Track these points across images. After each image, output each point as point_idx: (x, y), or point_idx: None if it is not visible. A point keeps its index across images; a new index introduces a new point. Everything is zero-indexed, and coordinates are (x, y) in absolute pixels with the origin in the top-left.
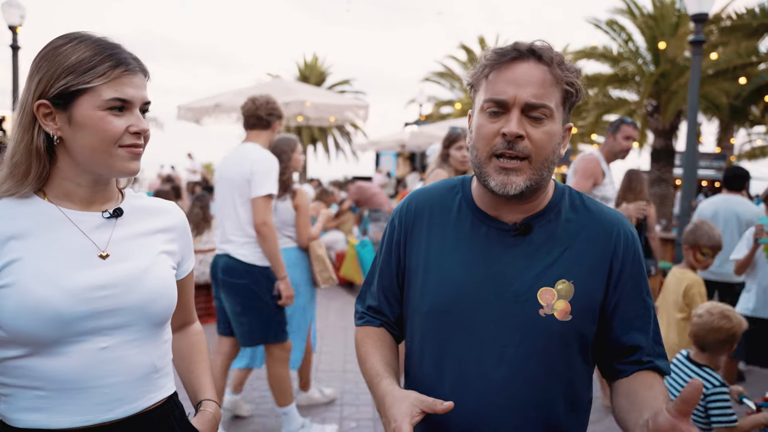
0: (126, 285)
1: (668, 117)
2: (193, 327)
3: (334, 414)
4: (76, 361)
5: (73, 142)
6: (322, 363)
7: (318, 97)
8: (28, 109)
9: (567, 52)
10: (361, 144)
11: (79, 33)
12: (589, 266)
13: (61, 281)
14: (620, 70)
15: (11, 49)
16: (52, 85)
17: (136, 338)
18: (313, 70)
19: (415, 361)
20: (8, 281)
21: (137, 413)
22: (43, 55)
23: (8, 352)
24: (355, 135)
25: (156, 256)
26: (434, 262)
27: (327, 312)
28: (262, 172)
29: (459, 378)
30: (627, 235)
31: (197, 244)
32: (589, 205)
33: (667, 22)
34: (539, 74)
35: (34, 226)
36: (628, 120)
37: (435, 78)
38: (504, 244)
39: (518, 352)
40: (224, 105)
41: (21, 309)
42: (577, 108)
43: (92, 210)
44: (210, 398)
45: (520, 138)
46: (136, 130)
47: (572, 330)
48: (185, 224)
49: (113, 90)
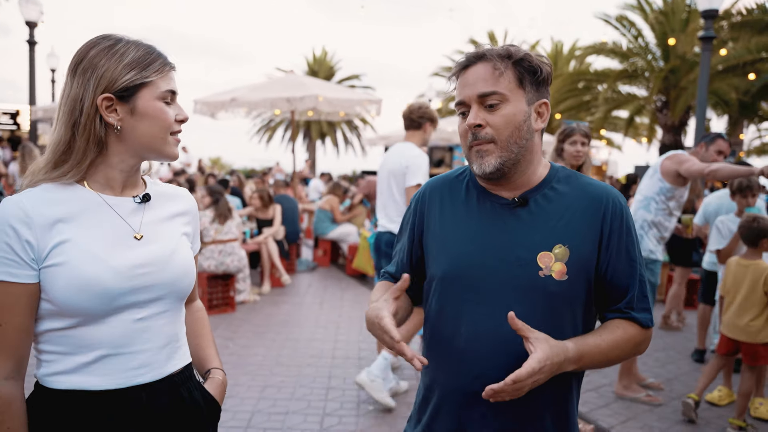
0: (159, 264)
1: (677, 113)
2: (197, 304)
3: (351, 398)
4: (117, 331)
5: (134, 130)
6: (339, 350)
7: (331, 92)
8: (88, 102)
9: (576, 47)
10: (370, 138)
11: (118, 35)
12: (581, 232)
13: (108, 260)
14: (630, 65)
15: (28, 44)
16: (116, 80)
17: (165, 310)
18: (323, 64)
19: (434, 321)
20: (60, 260)
21: (163, 378)
22: (94, 55)
23: (55, 324)
24: (364, 129)
25: (179, 238)
26: (447, 234)
27: (341, 302)
28: (415, 166)
29: (473, 333)
30: (615, 203)
31: (216, 234)
32: (580, 179)
33: (677, 17)
34: (484, 70)
35: (78, 210)
36: (724, 136)
37: (444, 73)
38: (505, 216)
39: (523, 308)
40: (240, 99)
41: (72, 285)
42: (586, 103)
43: (124, 195)
44: (217, 367)
45: (479, 127)
46: (181, 118)
47: (569, 289)
48: (197, 209)
49: (166, 83)
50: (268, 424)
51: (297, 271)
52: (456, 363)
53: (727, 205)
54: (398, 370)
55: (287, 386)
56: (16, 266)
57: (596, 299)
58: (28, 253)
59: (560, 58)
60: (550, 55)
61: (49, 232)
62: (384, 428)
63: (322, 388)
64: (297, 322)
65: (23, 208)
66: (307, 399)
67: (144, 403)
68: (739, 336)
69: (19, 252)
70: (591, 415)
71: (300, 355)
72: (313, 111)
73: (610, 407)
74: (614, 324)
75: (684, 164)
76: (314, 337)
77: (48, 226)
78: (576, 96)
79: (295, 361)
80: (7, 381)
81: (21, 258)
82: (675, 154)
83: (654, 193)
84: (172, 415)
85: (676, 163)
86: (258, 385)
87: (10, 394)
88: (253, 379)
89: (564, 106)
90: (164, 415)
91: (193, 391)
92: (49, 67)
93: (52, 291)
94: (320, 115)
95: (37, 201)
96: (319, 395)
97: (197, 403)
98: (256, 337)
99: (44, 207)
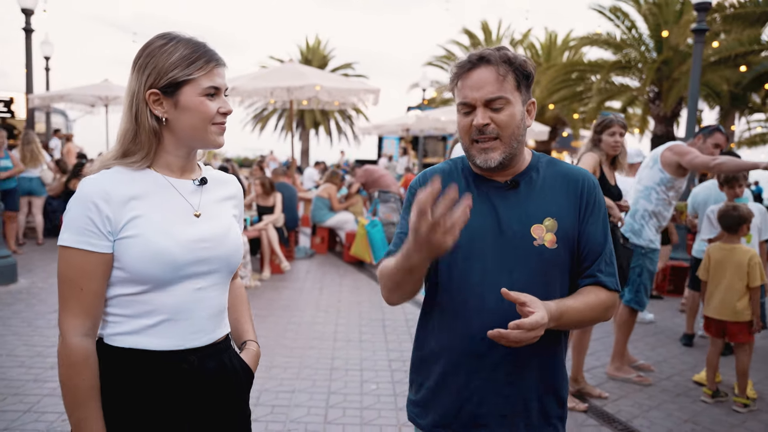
0: (217, 240)
1: (669, 104)
2: (238, 281)
3: (354, 378)
4: (179, 298)
5: (178, 122)
6: (340, 333)
7: (329, 82)
8: (140, 97)
9: (570, 38)
10: (364, 127)
11: (174, 34)
12: (565, 206)
13: (175, 234)
14: (623, 56)
15: (24, 32)
16: (162, 77)
17: (218, 282)
18: (316, 53)
19: (442, 292)
20: (134, 233)
21: (211, 343)
22: (149, 53)
23: (125, 290)
24: (357, 119)
25: (230, 219)
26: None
27: (340, 288)
28: None
29: (480, 299)
30: (589, 182)
31: None
32: (559, 164)
33: (670, 9)
34: (489, 75)
35: (148, 189)
36: (722, 129)
37: (438, 62)
38: (500, 196)
39: (522, 274)
40: (240, 89)
41: (144, 255)
42: (579, 94)
43: (185, 178)
44: (253, 339)
45: (486, 125)
46: (224, 111)
47: (559, 254)
48: (242, 194)
49: (208, 80)
50: (276, 402)
51: (295, 258)
52: (464, 328)
53: (715, 195)
54: None
55: (292, 367)
56: (96, 237)
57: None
58: (107, 226)
59: (554, 49)
60: (543, 45)
61: (124, 207)
62: (387, 405)
63: (326, 369)
64: (298, 306)
65: (103, 186)
66: (312, 378)
67: (195, 366)
68: (726, 316)
69: (99, 225)
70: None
71: (303, 337)
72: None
73: (602, 387)
74: (587, 289)
75: (686, 156)
76: (315, 321)
77: (123, 203)
78: (569, 86)
79: (298, 344)
80: (86, 337)
81: (100, 230)
82: (675, 145)
83: (654, 184)
84: (216, 378)
85: (676, 154)
86: (264, 365)
87: (88, 349)
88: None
89: (557, 97)
90: (210, 378)
91: (233, 359)
92: (43, 54)
93: (126, 260)
94: (317, 105)
95: (115, 180)
96: (323, 375)
97: (236, 370)
98: (259, 321)
99: (120, 186)
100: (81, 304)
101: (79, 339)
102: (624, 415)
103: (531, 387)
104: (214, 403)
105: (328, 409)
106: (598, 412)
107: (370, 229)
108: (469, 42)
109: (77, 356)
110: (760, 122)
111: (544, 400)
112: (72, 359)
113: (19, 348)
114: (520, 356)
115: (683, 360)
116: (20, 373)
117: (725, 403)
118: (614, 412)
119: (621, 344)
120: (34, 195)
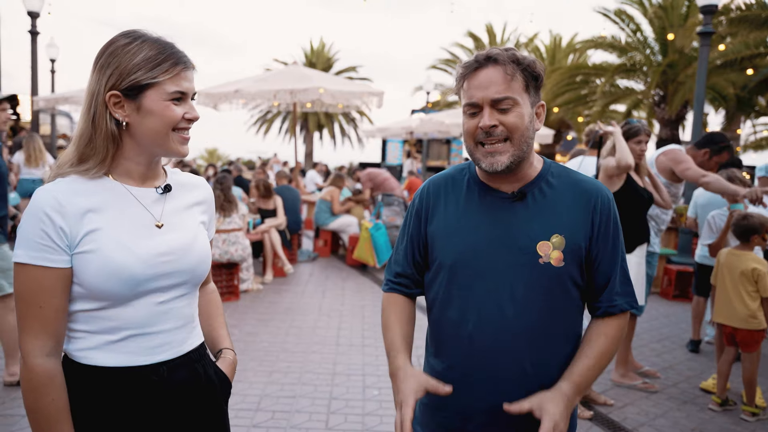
0: (180, 252)
1: (675, 107)
2: (210, 286)
3: (356, 383)
4: (140, 313)
5: (140, 126)
6: (342, 338)
7: (333, 85)
8: (100, 98)
9: (575, 41)
10: (368, 130)
11: (140, 32)
12: (575, 222)
13: (135, 249)
14: (628, 59)
15: (30, 35)
16: (124, 79)
17: (184, 294)
18: (320, 56)
19: (440, 309)
20: (91, 248)
21: (181, 355)
22: (111, 51)
23: (85, 305)
24: (361, 121)
25: (197, 227)
26: (453, 226)
27: (343, 291)
28: None
29: (480, 317)
30: (603, 197)
31: (221, 224)
32: (572, 175)
33: (676, 12)
34: (497, 75)
35: (105, 200)
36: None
37: (442, 65)
38: (506, 208)
39: (525, 293)
40: (243, 91)
41: (102, 271)
42: (584, 97)
43: (147, 186)
44: (228, 347)
45: (494, 127)
46: (190, 117)
47: (565, 273)
48: (213, 198)
49: (174, 84)
50: (276, 407)
51: (298, 261)
52: (465, 347)
53: (716, 199)
54: None
55: (294, 371)
56: (53, 252)
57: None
58: (63, 239)
59: (559, 52)
60: (548, 48)
61: (81, 220)
62: (389, 411)
63: (328, 374)
64: (300, 310)
65: (57, 197)
66: (314, 384)
67: (164, 377)
68: (735, 323)
69: (54, 239)
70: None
71: (305, 342)
72: (314, 103)
73: (608, 394)
74: (594, 332)
75: (680, 165)
76: (318, 325)
77: (79, 215)
78: (574, 90)
79: (300, 348)
80: (49, 357)
81: (57, 244)
82: (670, 150)
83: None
84: (189, 389)
85: (671, 160)
86: (265, 370)
87: (53, 369)
88: (260, 364)
89: (562, 100)
90: (182, 389)
91: (207, 368)
92: (48, 57)
93: (83, 276)
94: (321, 107)
95: (69, 191)
96: (325, 380)
97: (211, 380)
98: (261, 325)
99: (75, 197)
100: (41, 323)
101: (41, 360)
102: (630, 423)
103: None
104: (190, 415)
105: (329, 415)
106: (603, 419)
107: (373, 232)
108: (473, 45)
109: (41, 378)
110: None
111: None
112: (35, 382)
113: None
114: (526, 373)
115: (690, 366)
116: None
117: (733, 411)
118: (620, 420)
119: (624, 350)
120: None
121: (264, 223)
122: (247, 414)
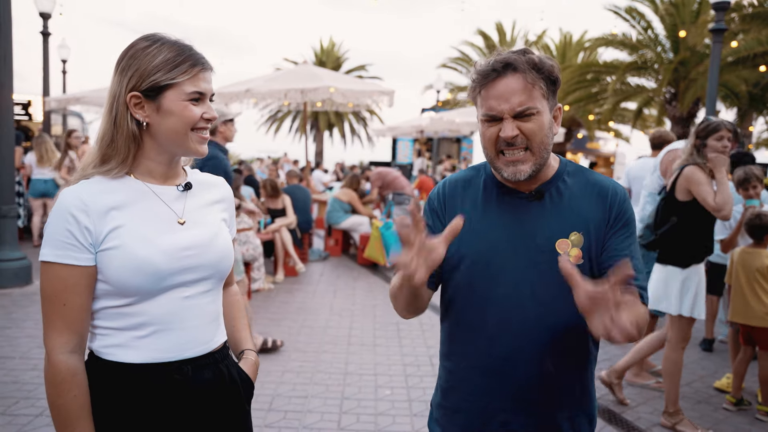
0: (203, 246)
1: (686, 105)
2: (234, 288)
3: (368, 383)
4: (166, 308)
5: (160, 126)
6: (354, 337)
7: (344, 84)
8: (121, 100)
9: (585, 39)
10: (378, 129)
11: (159, 35)
12: (592, 219)
13: (158, 243)
14: (639, 57)
15: (42, 35)
16: (144, 80)
17: (209, 290)
18: (330, 55)
19: (458, 310)
20: (115, 244)
21: (206, 353)
22: (132, 54)
23: (111, 302)
24: (371, 120)
25: (219, 223)
26: (470, 227)
27: (354, 291)
28: None
29: (501, 318)
30: (618, 194)
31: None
32: (587, 173)
33: (687, 9)
34: (518, 84)
35: (128, 198)
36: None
37: (452, 64)
38: (524, 208)
39: (546, 291)
40: (254, 90)
41: (126, 267)
42: (595, 95)
43: (168, 184)
44: (251, 348)
45: (515, 137)
46: (208, 117)
47: (584, 270)
48: (232, 196)
49: (193, 85)
50: (289, 407)
51: (309, 261)
52: (487, 346)
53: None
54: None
55: (306, 371)
56: (77, 250)
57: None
58: (87, 238)
59: (569, 50)
60: (558, 46)
61: (104, 218)
62: (402, 410)
63: (340, 374)
64: (312, 309)
65: (81, 197)
66: (326, 384)
67: (189, 376)
68: (752, 321)
69: (79, 238)
70: (602, 401)
71: (316, 341)
72: (324, 102)
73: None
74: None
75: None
76: (329, 325)
77: (103, 213)
78: (585, 87)
79: (311, 348)
80: (72, 354)
81: (81, 243)
82: (673, 151)
83: (656, 192)
84: (214, 389)
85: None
86: (277, 370)
87: (76, 366)
88: (272, 364)
89: (572, 98)
90: (207, 389)
91: (230, 368)
92: (60, 58)
93: (108, 272)
94: (331, 106)
95: (93, 191)
96: (336, 380)
97: (234, 380)
98: (272, 324)
99: (99, 196)
100: (65, 320)
101: (65, 356)
102: (643, 422)
103: (561, 406)
104: (213, 416)
105: (341, 415)
106: (617, 419)
107: (384, 231)
108: (483, 43)
109: (64, 374)
110: None
111: (576, 421)
112: (59, 378)
113: (33, 350)
114: (548, 374)
115: (703, 365)
116: (33, 377)
117: (748, 411)
118: (633, 419)
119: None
120: (48, 197)
121: (274, 223)
122: (259, 414)
